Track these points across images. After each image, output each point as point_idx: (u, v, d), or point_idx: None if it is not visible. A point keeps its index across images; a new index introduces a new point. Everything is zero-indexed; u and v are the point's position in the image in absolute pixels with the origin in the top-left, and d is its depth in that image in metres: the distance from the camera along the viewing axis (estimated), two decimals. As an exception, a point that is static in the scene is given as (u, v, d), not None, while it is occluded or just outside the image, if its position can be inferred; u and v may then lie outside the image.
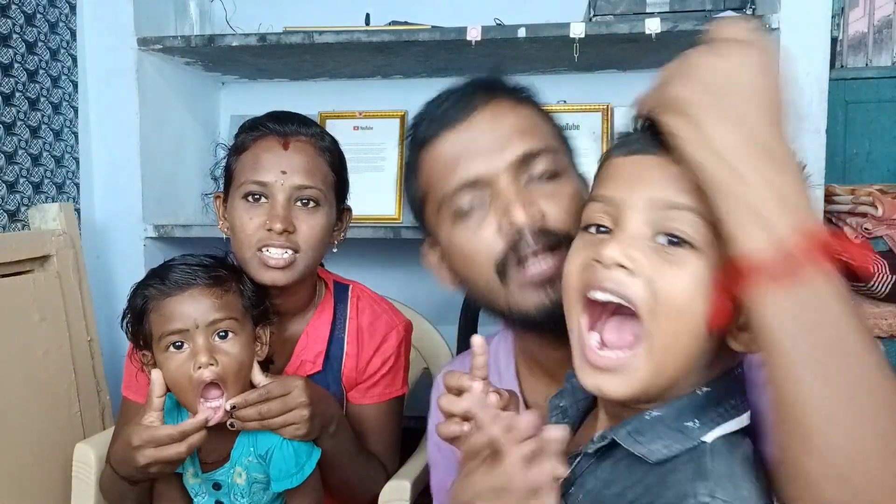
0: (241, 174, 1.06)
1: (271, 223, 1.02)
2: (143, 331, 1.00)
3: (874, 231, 1.64)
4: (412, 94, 2.03)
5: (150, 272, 1.02)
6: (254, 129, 1.08)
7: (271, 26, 1.82)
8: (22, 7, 1.56)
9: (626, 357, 0.58)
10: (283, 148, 1.05)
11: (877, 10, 2.61)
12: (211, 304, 0.97)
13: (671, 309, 0.56)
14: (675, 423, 0.60)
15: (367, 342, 1.16)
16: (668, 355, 0.58)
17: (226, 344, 0.97)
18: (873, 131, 2.40)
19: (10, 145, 1.54)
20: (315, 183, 1.06)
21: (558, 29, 1.56)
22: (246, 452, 1.04)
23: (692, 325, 0.57)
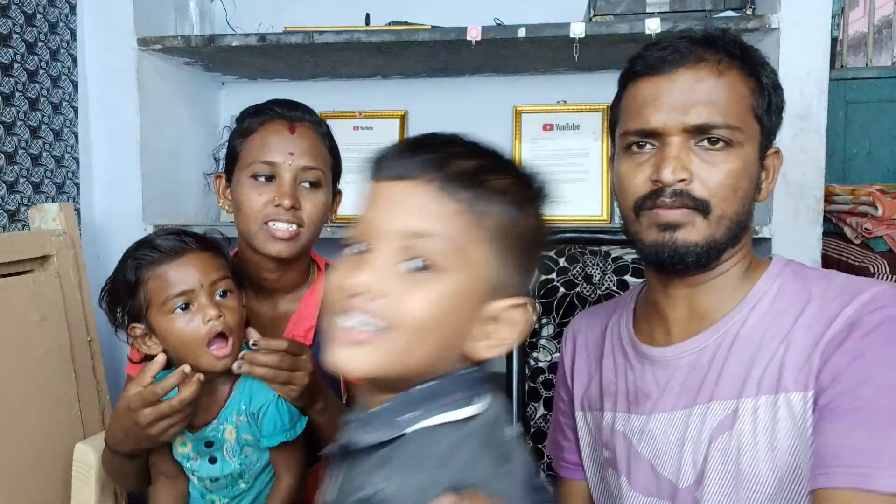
0: (250, 155, 1.13)
1: (280, 199, 1.10)
2: (136, 303, 1.03)
3: (874, 231, 1.64)
4: (412, 94, 2.05)
5: (132, 249, 1.06)
6: (260, 114, 1.16)
7: (271, 26, 1.82)
8: (22, 7, 1.56)
9: (368, 338, 0.63)
10: (290, 132, 1.13)
11: (877, 10, 2.61)
12: (210, 265, 1.03)
13: (411, 325, 0.62)
14: (391, 414, 0.65)
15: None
16: (406, 356, 0.63)
17: (227, 300, 1.04)
18: (873, 131, 2.40)
19: (10, 145, 1.54)
20: (318, 164, 1.15)
21: (558, 29, 1.56)
22: (237, 410, 1.06)
23: (434, 336, 0.63)
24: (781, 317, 0.83)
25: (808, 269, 0.88)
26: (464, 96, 2.02)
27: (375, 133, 2.02)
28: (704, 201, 0.83)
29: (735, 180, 0.84)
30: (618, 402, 0.95)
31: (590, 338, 1.03)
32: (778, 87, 0.88)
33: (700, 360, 0.87)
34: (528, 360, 1.36)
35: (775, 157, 0.90)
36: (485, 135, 0.65)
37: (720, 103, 0.83)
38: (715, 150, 0.83)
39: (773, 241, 1.55)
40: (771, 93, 0.87)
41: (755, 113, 0.85)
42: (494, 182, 0.65)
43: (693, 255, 0.84)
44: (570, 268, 1.35)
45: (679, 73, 0.84)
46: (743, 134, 0.84)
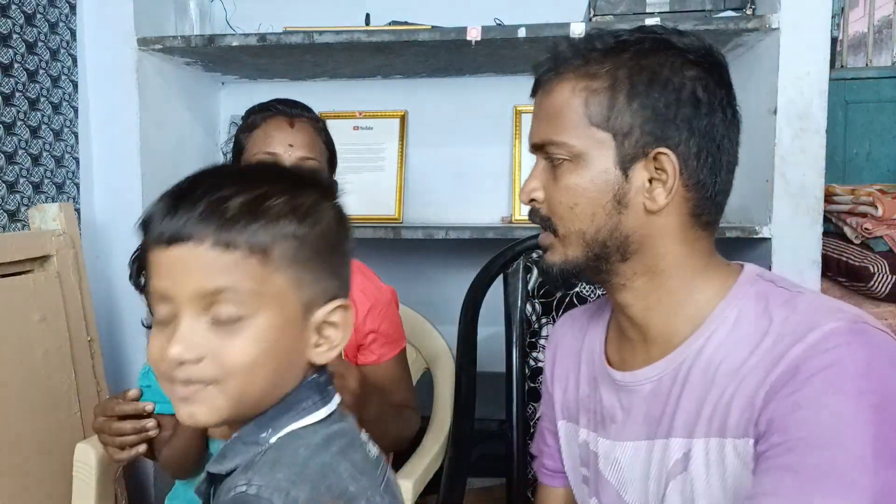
0: (254, 146, 1.25)
1: None
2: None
3: (874, 231, 1.64)
4: (412, 94, 2.05)
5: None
6: (263, 111, 1.28)
7: (271, 26, 1.82)
8: (22, 7, 1.56)
9: (204, 395, 0.65)
10: (289, 126, 1.25)
11: (877, 10, 2.61)
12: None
13: (241, 371, 0.65)
14: (250, 437, 0.68)
15: (360, 308, 1.29)
16: (246, 395, 0.66)
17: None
18: (873, 131, 2.40)
19: (10, 145, 1.54)
20: (315, 155, 1.26)
21: (558, 29, 1.56)
22: None
23: (266, 369, 0.66)
24: (736, 349, 0.78)
25: (774, 290, 0.81)
26: (464, 96, 2.02)
27: (375, 133, 2.02)
28: (548, 220, 0.84)
29: (569, 196, 0.81)
30: (590, 419, 0.93)
31: (571, 345, 1.00)
32: (653, 84, 0.78)
33: (659, 390, 0.84)
34: (528, 360, 1.36)
35: (663, 158, 0.79)
36: (485, 135, 0.65)
37: (547, 122, 0.83)
38: (557, 167, 0.82)
39: (773, 241, 1.55)
40: (633, 92, 0.79)
41: (592, 121, 0.80)
42: (268, 211, 0.65)
43: (562, 276, 0.85)
44: (570, 268, 1.35)
45: (537, 94, 0.87)
46: (575, 147, 0.80)
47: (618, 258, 0.82)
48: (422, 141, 2.05)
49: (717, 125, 0.80)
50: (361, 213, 1.97)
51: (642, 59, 0.79)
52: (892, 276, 1.58)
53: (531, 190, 0.85)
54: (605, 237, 0.81)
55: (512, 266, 1.37)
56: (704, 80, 0.80)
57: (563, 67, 0.82)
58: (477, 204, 2.03)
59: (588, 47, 0.82)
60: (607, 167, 0.80)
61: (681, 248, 0.82)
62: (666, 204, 0.80)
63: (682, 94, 0.79)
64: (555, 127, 0.82)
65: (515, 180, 1.96)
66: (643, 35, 0.81)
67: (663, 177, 0.79)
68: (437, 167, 2.05)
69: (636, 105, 0.79)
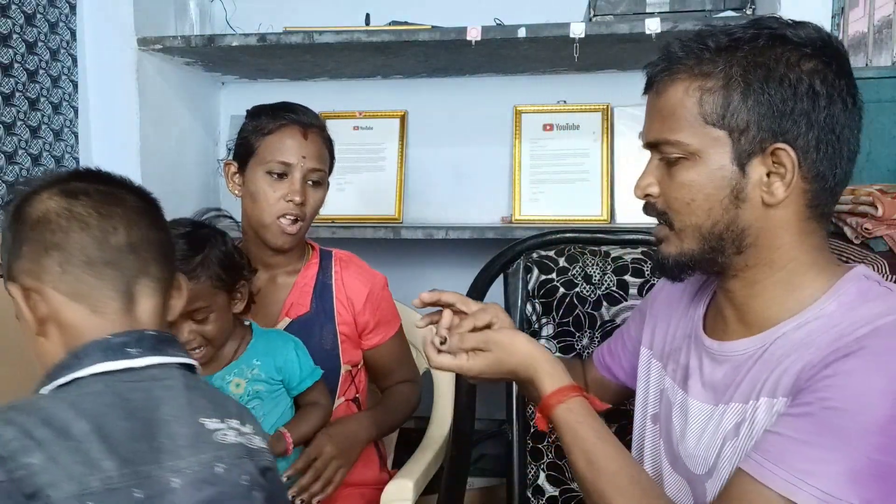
0: (267, 153, 1.29)
1: (292, 196, 1.28)
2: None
3: (874, 231, 1.64)
4: (412, 94, 2.05)
5: None
6: (277, 118, 1.31)
7: (271, 26, 1.82)
8: (22, 7, 1.56)
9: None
10: (303, 137, 1.30)
11: (877, 10, 2.61)
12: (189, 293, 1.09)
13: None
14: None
15: (356, 295, 1.38)
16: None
17: (204, 324, 1.15)
18: (873, 131, 2.39)
19: (11, 145, 1.54)
20: (323, 166, 1.33)
21: (558, 29, 1.57)
22: (249, 365, 1.20)
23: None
24: (822, 334, 0.79)
25: (876, 287, 0.82)
26: (464, 96, 2.02)
27: (375, 133, 2.02)
28: (664, 215, 0.86)
29: (686, 192, 0.83)
30: (676, 370, 0.97)
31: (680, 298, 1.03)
32: (769, 80, 0.79)
33: (741, 363, 0.86)
34: (529, 360, 1.36)
35: (781, 153, 0.79)
36: (485, 135, 0.65)
37: (661, 122, 0.84)
38: (673, 164, 0.84)
39: (773, 241, 1.55)
40: (748, 89, 0.79)
41: (708, 120, 0.81)
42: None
43: (675, 267, 0.87)
44: (570, 268, 1.35)
45: (648, 95, 0.87)
46: (691, 145, 0.81)
47: (733, 250, 0.84)
48: (422, 141, 2.05)
49: (837, 115, 0.80)
50: (361, 213, 1.97)
51: (757, 56, 0.79)
52: (893, 275, 1.58)
53: (646, 185, 0.87)
54: (721, 230, 0.83)
55: (512, 266, 1.37)
56: (822, 72, 0.79)
57: (676, 67, 0.83)
58: (477, 204, 2.03)
59: (701, 46, 0.82)
60: (724, 164, 0.81)
61: (795, 240, 0.83)
62: (785, 197, 0.81)
63: (800, 89, 0.78)
64: (669, 126, 0.83)
65: (515, 180, 1.96)
66: (758, 31, 0.80)
67: (781, 171, 0.80)
68: (437, 167, 2.05)
69: (751, 102, 0.79)
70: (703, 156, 0.81)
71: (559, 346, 1.35)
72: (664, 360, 1.01)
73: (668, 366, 0.99)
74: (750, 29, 0.81)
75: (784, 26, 0.81)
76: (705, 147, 0.81)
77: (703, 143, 0.81)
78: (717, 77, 0.80)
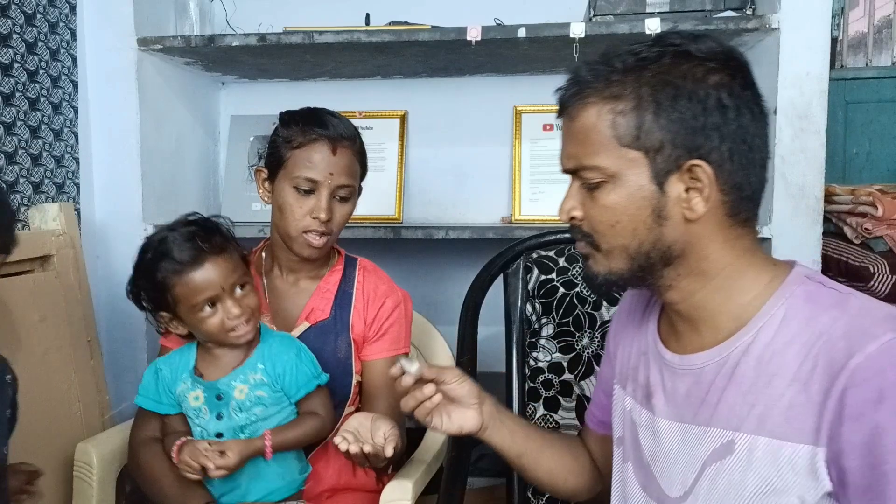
0: (296, 168, 1.27)
1: (317, 213, 1.26)
2: (164, 301, 1.17)
3: (874, 231, 1.64)
4: (412, 94, 2.05)
5: (148, 252, 1.17)
6: (307, 132, 1.28)
7: (271, 26, 1.82)
8: (22, 7, 1.56)
9: None
10: (332, 153, 1.27)
11: (877, 10, 2.61)
12: (226, 266, 1.16)
13: None
14: None
15: (371, 304, 1.36)
16: None
17: (245, 295, 1.18)
18: (873, 131, 2.40)
19: (10, 145, 1.54)
20: (351, 182, 1.30)
21: (558, 29, 1.56)
22: (252, 370, 1.20)
23: None
24: (787, 349, 0.79)
25: (823, 291, 0.82)
26: (464, 96, 2.02)
27: (375, 133, 2.02)
28: (590, 237, 0.86)
29: (610, 215, 0.83)
30: (636, 390, 0.97)
31: (635, 315, 1.03)
32: (679, 98, 0.79)
33: (702, 378, 0.86)
34: (528, 360, 1.36)
35: (697, 169, 0.79)
36: (485, 135, 0.65)
37: (577, 147, 0.85)
38: (593, 188, 0.84)
39: (773, 241, 1.55)
40: (659, 109, 0.79)
41: (622, 142, 0.81)
42: None
43: (605, 285, 0.88)
44: (570, 268, 1.35)
45: (561, 120, 0.88)
46: (608, 168, 0.82)
47: (661, 265, 0.84)
48: (422, 141, 2.05)
49: (747, 125, 0.81)
50: (361, 213, 1.96)
51: (665, 75, 0.80)
52: (892, 276, 1.58)
53: (570, 209, 0.87)
54: (647, 249, 0.83)
55: (512, 266, 1.37)
56: (729, 85, 0.80)
57: (586, 91, 0.83)
58: (477, 204, 2.03)
59: (608, 68, 0.82)
60: (642, 184, 0.81)
61: (723, 248, 0.84)
62: (705, 212, 0.81)
63: (709, 103, 0.79)
64: (585, 151, 0.83)
65: (515, 180, 1.96)
66: (662, 49, 0.81)
67: (699, 185, 0.80)
68: (437, 167, 2.05)
69: (664, 121, 0.79)
70: (622, 178, 0.82)
71: (559, 345, 1.35)
72: (623, 381, 1.00)
73: (627, 386, 0.99)
74: (655, 47, 0.82)
75: (687, 41, 0.81)
76: (623, 169, 0.81)
77: (621, 165, 0.81)
78: (628, 98, 0.80)
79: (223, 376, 1.20)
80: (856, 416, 0.73)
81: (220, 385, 1.20)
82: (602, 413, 1.09)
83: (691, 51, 0.81)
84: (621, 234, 0.83)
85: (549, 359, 1.35)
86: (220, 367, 1.21)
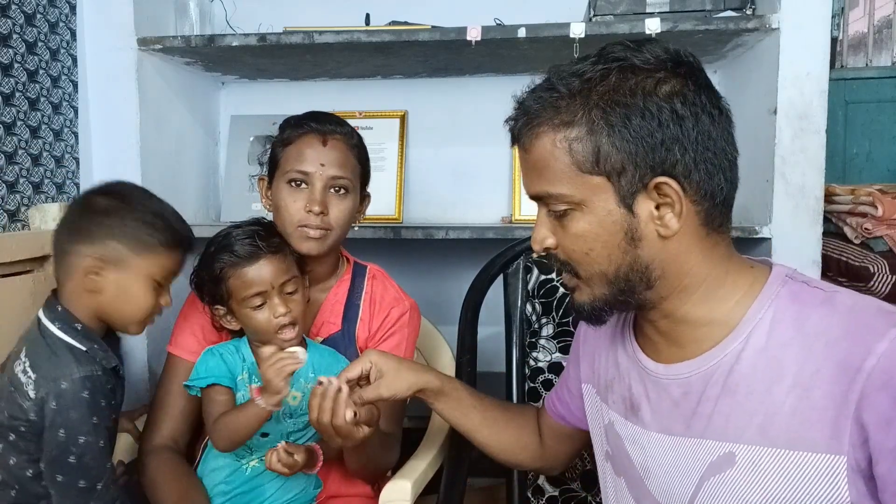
0: (287, 163, 1.27)
1: (310, 206, 1.24)
2: (218, 292, 1.22)
3: (874, 231, 1.64)
4: (412, 94, 2.05)
5: (215, 248, 1.22)
6: (298, 127, 1.28)
7: (271, 26, 1.82)
8: (22, 7, 1.56)
9: None
10: (322, 144, 1.26)
11: (877, 10, 2.61)
12: (279, 267, 1.20)
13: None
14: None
15: (377, 311, 1.35)
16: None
17: (293, 297, 1.22)
18: (873, 131, 2.40)
19: (10, 145, 1.54)
20: (346, 174, 1.27)
21: (558, 29, 1.56)
22: (305, 378, 1.23)
23: None
24: (783, 353, 0.77)
25: (806, 290, 0.80)
26: (464, 96, 2.02)
27: (375, 133, 2.02)
28: (569, 265, 0.84)
29: (582, 243, 0.81)
30: (617, 402, 0.95)
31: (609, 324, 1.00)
32: (631, 116, 0.76)
33: (691, 389, 0.83)
34: (528, 360, 1.36)
35: (664, 186, 0.77)
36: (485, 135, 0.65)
37: (538, 176, 0.82)
38: (561, 216, 0.82)
39: (772, 241, 1.55)
40: (614, 130, 0.77)
41: (582, 168, 0.78)
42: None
43: (594, 313, 0.86)
44: (570, 268, 1.35)
45: (518, 149, 0.86)
46: (573, 195, 0.79)
47: (643, 287, 0.82)
48: (422, 141, 2.05)
49: (708, 130, 0.78)
50: (361, 213, 1.97)
51: (613, 94, 0.77)
52: (892, 276, 1.58)
53: (543, 239, 0.85)
54: (626, 272, 0.81)
55: (512, 266, 1.37)
56: (681, 92, 0.77)
57: (535, 122, 0.81)
58: (477, 204, 2.03)
59: (554, 95, 0.80)
60: (610, 208, 0.79)
61: (702, 260, 0.81)
62: (680, 227, 0.79)
63: (663, 117, 0.76)
64: (546, 179, 0.81)
65: (515, 180, 1.96)
66: (606, 66, 0.78)
67: (669, 201, 0.78)
68: (437, 167, 2.05)
69: (620, 142, 0.76)
70: (589, 204, 0.79)
71: (559, 345, 1.35)
72: (603, 393, 0.99)
73: (608, 399, 0.97)
74: (599, 65, 0.79)
75: (631, 53, 0.79)
76: (588, 196, 0.79)
77: (584, 192, 0.79)
78: (580, 124, 0.77)
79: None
80: (885, 423, 0.69)
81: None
82: (563, 407, 1.10)
83: (637, 63, 0.78)
84: (597, 261, 0.81)
85: (549, 359, 1.35)
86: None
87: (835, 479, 0.73)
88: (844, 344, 0.73)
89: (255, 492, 1.22)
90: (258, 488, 1.22)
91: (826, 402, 0.73)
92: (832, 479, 0.73)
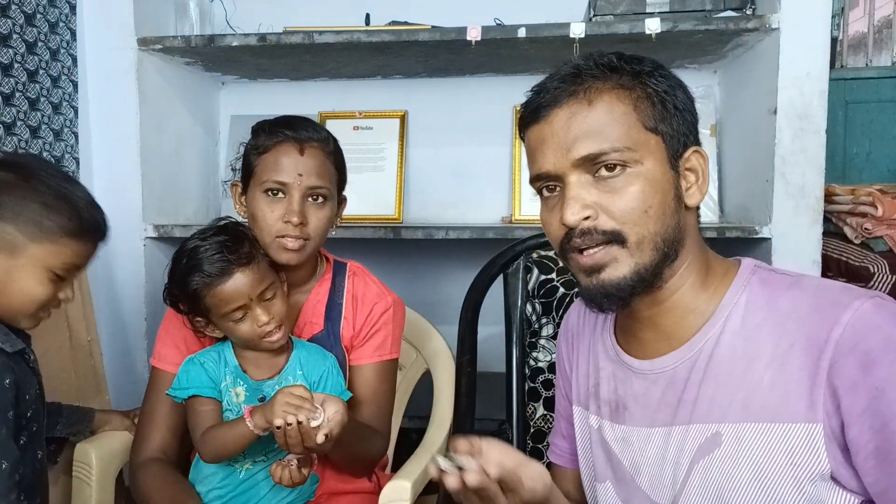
0: (263, 173, 1.23)
1: (289, 217, 1.21)
2: (198, 309, 1.20)
3: (874, 231, 1.65)
4: (412, 94, 2.05)
5: (180, 261, 1.19)
6: (273, 135, 1.24)
7: (271, 26, 1.82)
8: (22, 7, 1.56)
9: None
10: (299, 153, 1.22)
11: (877, 10, 2.61)
12: (254, 278, 1.18)
13: None
14: None
15: (360, 309, 1.33)
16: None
17: (273, 302, 1.20)
18: (873, 131, 2.40)
19: (10, 145, 1.54)
20: (324, 183, 1.24)
21: (558, 29, 1.57)
22: (293, 376, 1.22)
23: None
24: (758, 333, 0.80)
25: (774, 275, 0.85)
26: (464, 96, 2.02)
27: (375, 133, 2.02)
28: (616, 231, 0.81)
29: (641, 200, 0.80)
30: (601, 406, 0.95)
31: (584, 332, 1.02)
32: (673, 88, 0.84)
33: (676, 378, 0.85)
34: (528, 360, 1.36)
35: (697, 156, 0.84)
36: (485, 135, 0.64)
37: (600, 130, 0.81)
38: (614, 177, 0.81)
39: (772, 241, 1.55)
40: (664, 97, 0.83)
41: (646, 125, 0.82)
42: None
43: (626, 290, 0.82)
44: (570, 268, 1.35)
45: (553, 113, 0.84)
46: (636, 151, 0.81)
47: (672, 257, 0.83)
48: (422, 141, 2.05)
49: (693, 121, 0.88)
50: (361, 213, 1.97)
51: (660, 69, 0.85)
52: (892, 276, 1.58)
53: (583, 207, 0.81)
54: (672, 235, 0.82)
55: (512, 266, 1.37)
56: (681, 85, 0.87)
57: (601, 80, 0.83)
58: (477, 204, 2.03)
59: (613, 63, 0.84)
60: (665, 168, 0.82)
61: (697, 241, 0.86)
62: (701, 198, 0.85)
63: (689, 95, 0.86)
64: (609, 135, 0.81)
65: (515, 180, 1.96)
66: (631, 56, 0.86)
67: (698, 171, 0.85)
68: (437, 167, 2.05)
69: (671, 108, 0.83)
70: (646, 162, 0.81)
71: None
72: (584, 401, 0.99)
73: (590, 406, 0.97)
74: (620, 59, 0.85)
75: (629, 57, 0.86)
76: (646, 154, 0.82)
77: (645, 149, 0.82)
78: (640, 87, 0.83)
79: (271, 376, 1.22)
80: (851, 387, 0.73)
81: (265, 387, 1.21)
82: (571, 444, 1.05)
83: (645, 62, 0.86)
84: (653, 218, 0.81)
85: (549, 359, 1.35)
86: (261, 369, 1.23)
87: (814, 448, 0.76)
88: (814, 318, 0.77)
89: (250, 493, 1.22)
90: (253, 489, 1.22)
91: (801, 373, 0.76)
92: (812, 448, 0.76)
